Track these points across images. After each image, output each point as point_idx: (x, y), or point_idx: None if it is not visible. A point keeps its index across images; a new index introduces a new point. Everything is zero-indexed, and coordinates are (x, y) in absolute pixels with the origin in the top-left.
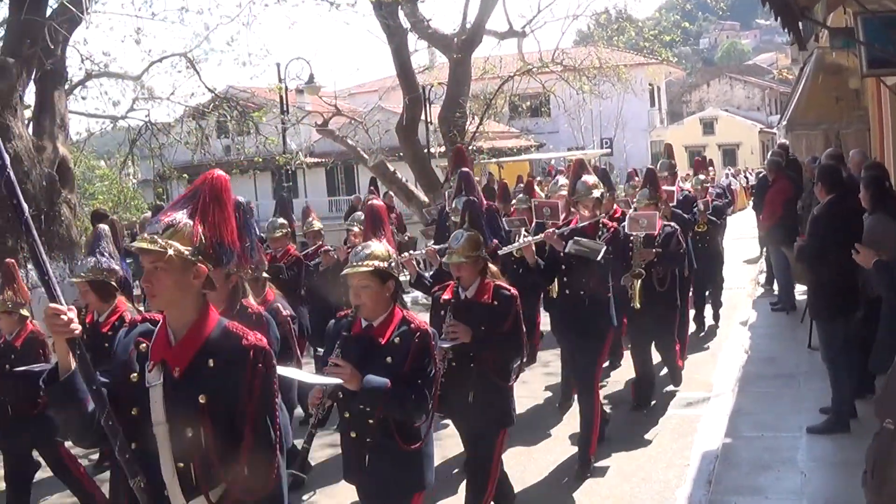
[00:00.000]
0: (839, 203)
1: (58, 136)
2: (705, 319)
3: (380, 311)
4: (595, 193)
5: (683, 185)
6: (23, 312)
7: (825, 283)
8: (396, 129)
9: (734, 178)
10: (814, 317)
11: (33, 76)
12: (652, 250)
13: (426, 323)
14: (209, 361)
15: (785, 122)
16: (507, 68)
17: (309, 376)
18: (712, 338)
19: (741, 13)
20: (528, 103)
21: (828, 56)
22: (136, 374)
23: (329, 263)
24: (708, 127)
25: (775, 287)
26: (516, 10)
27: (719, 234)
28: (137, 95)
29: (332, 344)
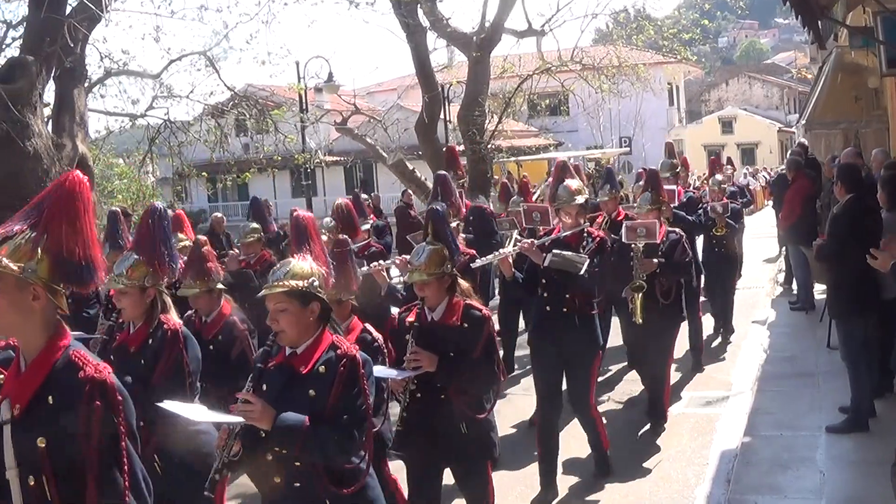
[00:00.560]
0: (858, 202)
1: (77, 134)
2: (723, 325)
3: (303, 336)
4: (578, 199)
5: (701, 184)
6: None
7: (844, 283)
8: (415, 127)
9: (753, 177)
10: (833, 316)
11: (53, 74)
12: (654, 261)
13: (356, 348)
14: (48, 398)
15: (804, 122)
16: (526, 67)
17: (210, 414)
18: (727, 343)
19: (760, 12)
20: (546, 102)
21: (847, 55)
22: None
23: None
24: (727, 126)
25: (794, 286)
26: (535, 9)
27: (736, 237)
28: (156, 94)
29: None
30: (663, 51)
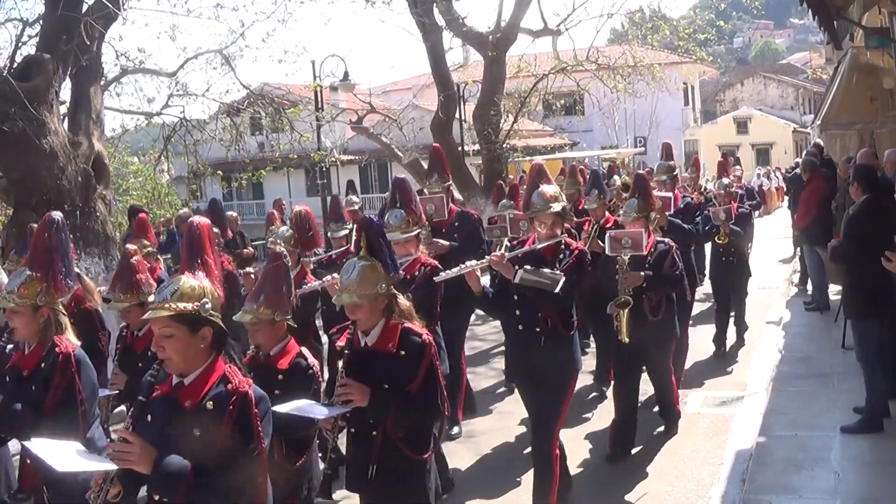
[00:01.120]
0: (874, 203)
1: (93, 132)
2: (727, 340)
3: (192, 366)
4: (554, 207)
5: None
6: None
7: (860, 283)
8: (431, 126)
9: (766, 178)
10: (848, 316)
11: (69, 72)
12: (640, 274)
13: (249, 382)
14: None
15: (819, 122)
16: (542, 66)
17: (80, 462)
18: (741, 346)
19: (775, 12)
20: (562, 101)
21: (862, 56)
22: None
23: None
24: (742, 126)
25: (809, 287)
26: (551, 9)
27: (744, 244)
28: (172, 92)
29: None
30: (679, 51)
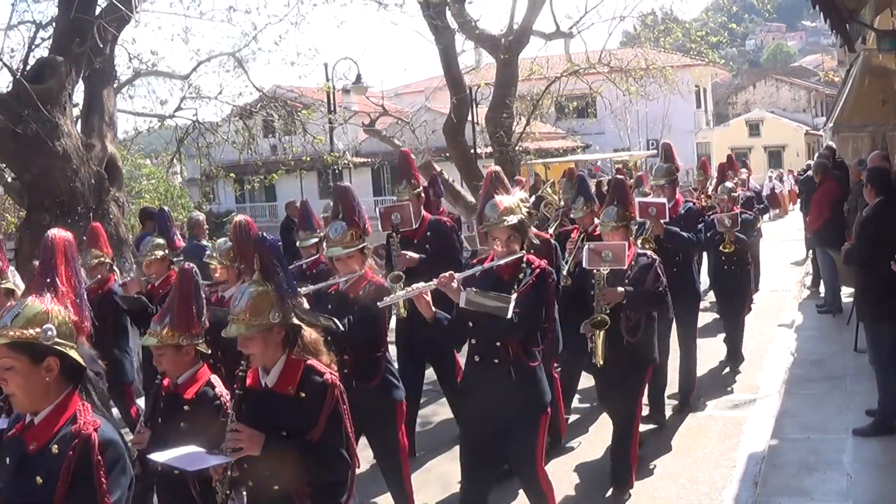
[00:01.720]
0: (888, 205)
1: (106, 134)
2: (731, 353)
3: (39, 403)
4: (510, 220)
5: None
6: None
7: (873, 286)
8: (443, 129)
9: (778, 181)
10: (861, 319)
11: (82, 75)
12: (620, 290)
13: (96, 423)
14: None
15: (831, 124)
16: (554, 69)
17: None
18: (755, 342)
19: (787, 15)
20: (574, 104)
21: (874, 58)
22: None
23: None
24: (754, 129)
25: (821, 289)
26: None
27: (749, 253)
28: (185, 94)
29: None
30: (691, 53)
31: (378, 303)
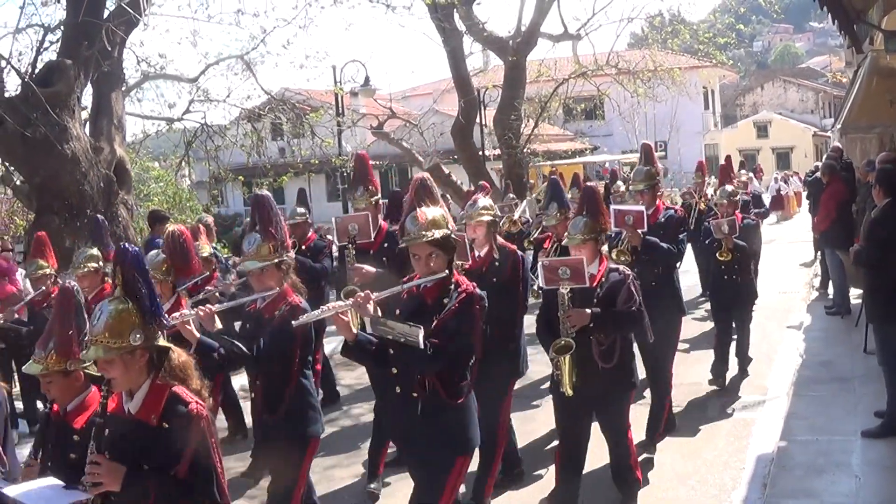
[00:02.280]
0: None
1: (115, 137)
2: (728, 371)
3: None
4: (431, 235)
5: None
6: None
7: (881, 287)
8: (451, 131)
9: (784, 182)
10: (870, 320)
11: (91, 78)
12: (587, 311)
13: None
14: None
15: (839, 126)
16: (562, 71)
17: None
18: (764, 344)
19: (795, 16)
20: (582, 106)
21: (882, 59)
22: None
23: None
24: (762, 130)
25: (830, 290)
26: (571, 13)
27: (750, 260)
28: (193, 97)
29: None
30: (698, 55)
31: (294, 323)
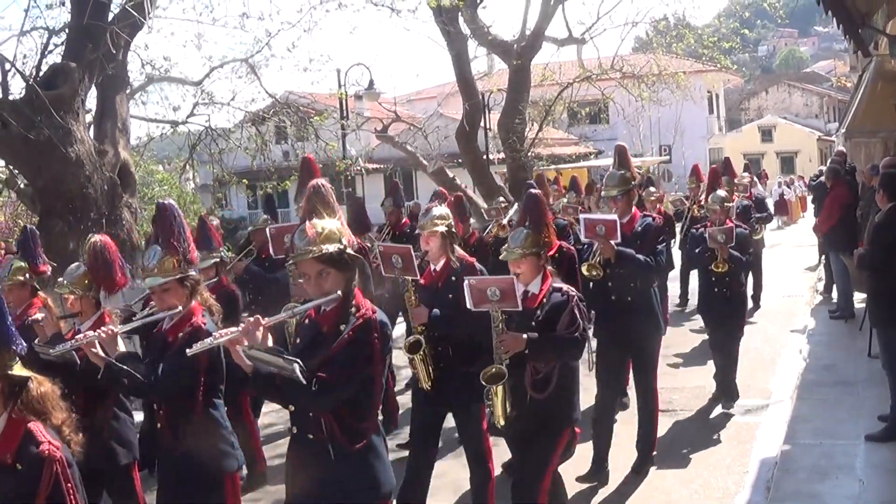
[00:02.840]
0: None
1: (119, 140)
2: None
3: None
4: (319, 250)
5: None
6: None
7: (885, 291)
8: (456, 135)
9: (787, 186)
10: (874, 324)
11: (95, 80)
12: (522, 336)
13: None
14: None
15: (843, 130)
16: (567, 75)
17: None
18: (768, 347)
19: (799, 21)
20: (586, 110)
21: (887, 63)
22: None
23: (44, 339)
24: (766, 134)
25: (834, 294)
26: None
27: (742, 273)
28: (198, 100)
29: None
30: (703, 59)
31: (188, 351)
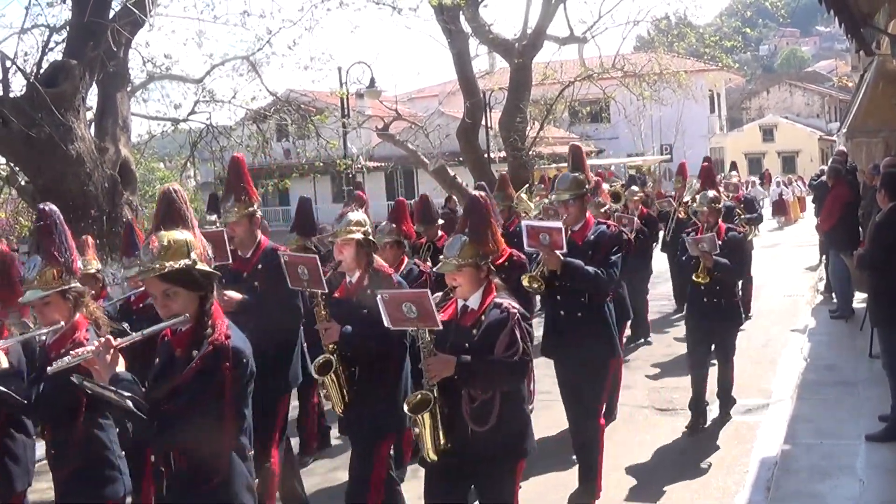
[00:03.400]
0: None
1: (120, 137)
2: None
3: None
4: (161, 266)
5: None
6: None
7: (885, 290)
8: (457, 133)
9: (786, 186)
10: (874, 324)
11: (96, 78)
12: (450, 359)
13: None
14: None
15: (845, 130)
16: (568, 74)
17: None
18: (769, 347)
19: (801, 20)
20: (588, 109)
21: (888, 63)
22: None
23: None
24: (767, 134)
25: (834, 294)
26: (577, 16)
27: (735, 280)
28: (199, 98)
29: None
30: (704, 58)
31: (48, 369)
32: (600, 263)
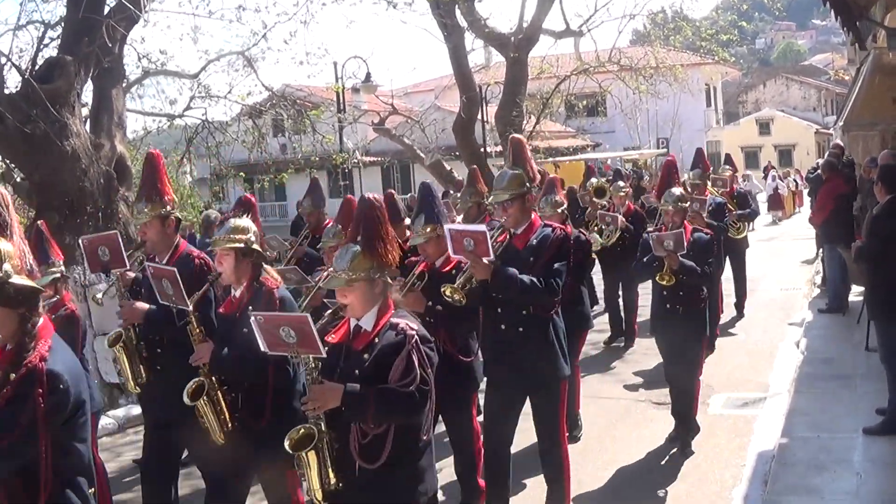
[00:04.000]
0: None
1: (115, 134)
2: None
3: None
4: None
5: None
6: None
7: (882, 283)
8: (453, 128)
9: (782, 180)
10: (871, 317)
11: (91, 74)
12: (337, 388)
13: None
14: None
15: (841, 123)
16: (564, 68)
17: None
18: (766, 340)
19: (797, 13)
20: (584, 103)
21: (885, 56)
22: None
23: None
24: (764, 127)
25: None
26: (573, 10)
27: (702, 285)
28: (194, 94)
29: None
30: (701, 52)
31: None
32: (540, 271)
